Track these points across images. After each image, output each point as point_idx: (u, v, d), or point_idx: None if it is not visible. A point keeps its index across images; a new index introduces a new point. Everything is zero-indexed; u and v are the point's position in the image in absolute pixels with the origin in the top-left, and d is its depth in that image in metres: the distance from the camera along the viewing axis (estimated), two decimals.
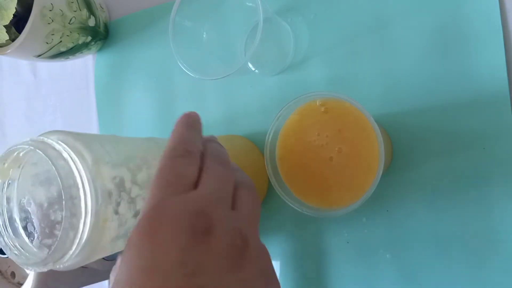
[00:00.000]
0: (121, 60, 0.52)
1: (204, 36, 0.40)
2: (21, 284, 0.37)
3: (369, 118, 0.30)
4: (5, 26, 0.43)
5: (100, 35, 0.50)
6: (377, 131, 0.29)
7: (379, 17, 0.39)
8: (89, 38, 0.49)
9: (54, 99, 0.57)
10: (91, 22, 0.48)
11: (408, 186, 0.38)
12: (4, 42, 0.43)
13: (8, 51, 0.43)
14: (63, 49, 0.47)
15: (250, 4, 0.39)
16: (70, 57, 0.50)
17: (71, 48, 0.48)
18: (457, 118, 0.36)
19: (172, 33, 0.37)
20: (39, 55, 0.46)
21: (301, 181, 0.33)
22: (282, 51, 0.43)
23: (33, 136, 0.26)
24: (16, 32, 0.44)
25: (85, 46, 0.49)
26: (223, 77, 0.35)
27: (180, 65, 0.37)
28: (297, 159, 0.33)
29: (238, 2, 0.41)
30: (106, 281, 0.52)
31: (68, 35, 0.45)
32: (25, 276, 0.44)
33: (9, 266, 0.46)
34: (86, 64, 0.55)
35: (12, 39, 0.43)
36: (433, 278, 0.37)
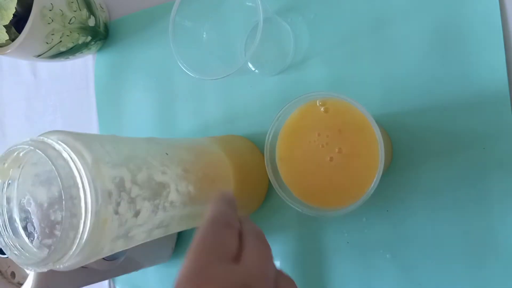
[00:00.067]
0: (121, 60, 0.52)
1: (204, 36, 0.40)
2: (21, 284, 0.37)
3: (369, 118, 0.30)
4: (5, 26, 0.43)
5: (100, 35, 0.50)
6: (377, 131, 0.29)
7: (379, 17, 0.39)
8: (89, 38, 0.49)
9: (54, 99, 0.57)
10: (91, 22, 0.48)
11: (408, 186, 0.38)
12: (4, 42, 0.43)
13: (8, 51, 0.43)
14: (63, 49, 0.47)
15: (250, 4, 0.39)
16: (70, 57, 0.50)
17: (71, 48, 0.48)
18: (457, 118, 0.36)
19: (172, 33, 0.37)
20: (39, 55, 0.46)
21: (301, 181, 0.33)
22: (282, 51, 0.43)
23: (33, 136, 0.25)
24: (16, 32, 0.44)
25: (85, 46, 0.49)
26: (223, 77, 0.35)
27: (180, 65, 0.37)
28: (297, 159, 0.33)
29: (238, 2, 0.41)
30: (106, 281, 0.52)
31: (68, 35, 0.45)
32: (25, 276, 0.44)
33: (9, 266, 0.46)
34: (86, 64, 0.55)
35: (12, 39, 0.43)
36: (433, 278, 0.37)
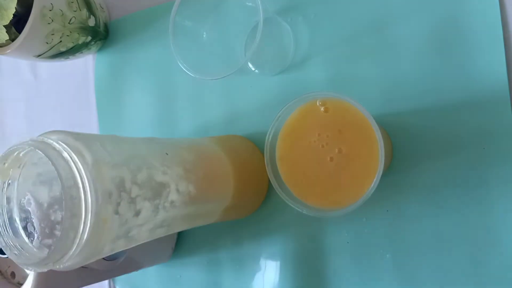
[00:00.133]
0: (121, 60, 0.52)
1: (204, 36, 0.40)
2: (21, 284, 0.37)
3: (369, 118, 0.30)
4: (5, 26, 0.43)
5: (100, 35, 0.50)
6: (377, 131, 0.29)
7: (379, 17, 0.39)
8: (89, 38, 0.49)
9: (54, 99, 0.57)
10: (91, 22, 0.48)
11: (408, 186, 0.38)
12: (4, 42, 0.43)
13: (8, 51, 0.43)
14: (63, 49, 0.47)
15: (250, 4, 0.39)
16: (70, 57, 0.50)
17: (71, 48, 0.48)
18: (457, 118, 0.36)
19: (172, 33, 0.37)
20: (39, 55, 0.46)
21: (301, 182, 0.33)
22: (282, 51, 0.43)
23: (33, 136, 0.25)
24: (16, 32, 0.44)
25: (85, 46, 0.49)
26: (223, 77, 0.35)
27: (180, 65, 0.37)
28: (297, 160, 0.33)
29: (238, 2, 0.41)
30: (106, 281, 0.52)
31: (68, 35, 0.45)
32: (25, 276, 0.44)
33: (9, 266, 0.46)
34: (86, 64, 0.55)
35: (12, 39, 0.43)
36: (433, 278, 0.37)
